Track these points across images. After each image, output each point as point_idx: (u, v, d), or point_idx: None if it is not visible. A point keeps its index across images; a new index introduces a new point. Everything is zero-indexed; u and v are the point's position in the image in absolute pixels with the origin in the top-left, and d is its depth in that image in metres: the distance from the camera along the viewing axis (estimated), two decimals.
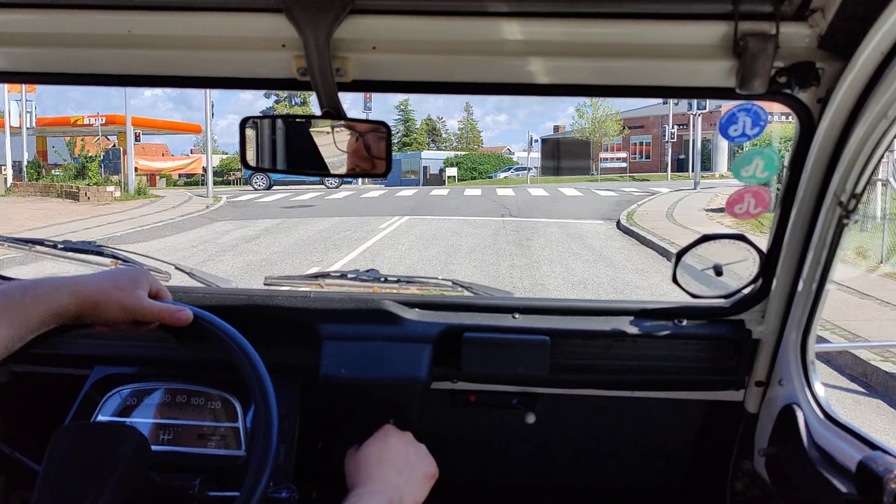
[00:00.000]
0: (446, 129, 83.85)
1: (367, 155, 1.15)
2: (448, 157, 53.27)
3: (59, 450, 1.01)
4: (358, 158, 1.16)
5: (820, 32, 0.99)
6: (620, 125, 46.61)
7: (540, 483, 1.82)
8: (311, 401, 1.46)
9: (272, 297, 1.52)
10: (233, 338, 1.07)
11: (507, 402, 1.61)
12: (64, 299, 0.96)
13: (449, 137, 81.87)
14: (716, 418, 1.62)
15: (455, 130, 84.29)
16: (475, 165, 52.11)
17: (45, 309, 0.94)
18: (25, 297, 0.93)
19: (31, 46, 1.12)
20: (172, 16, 1.06)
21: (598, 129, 46.08)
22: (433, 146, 75.29)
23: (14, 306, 0.91)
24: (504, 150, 71.37)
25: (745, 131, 1.30)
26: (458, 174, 48.58)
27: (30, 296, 0.93)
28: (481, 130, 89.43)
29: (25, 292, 0.93)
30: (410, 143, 70.60)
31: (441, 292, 1.73)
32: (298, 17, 0.99)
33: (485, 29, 1.04)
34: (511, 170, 50.61)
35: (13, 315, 0.90)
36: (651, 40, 1.04)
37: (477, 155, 56.85)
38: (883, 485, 0.97)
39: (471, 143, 78.66)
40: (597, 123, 46.33)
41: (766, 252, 1.37)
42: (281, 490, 1.12)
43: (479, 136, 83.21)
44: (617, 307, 1.54)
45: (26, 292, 0.93)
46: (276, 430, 1.01)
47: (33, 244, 1.74)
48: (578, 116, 48.99)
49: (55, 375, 1.47)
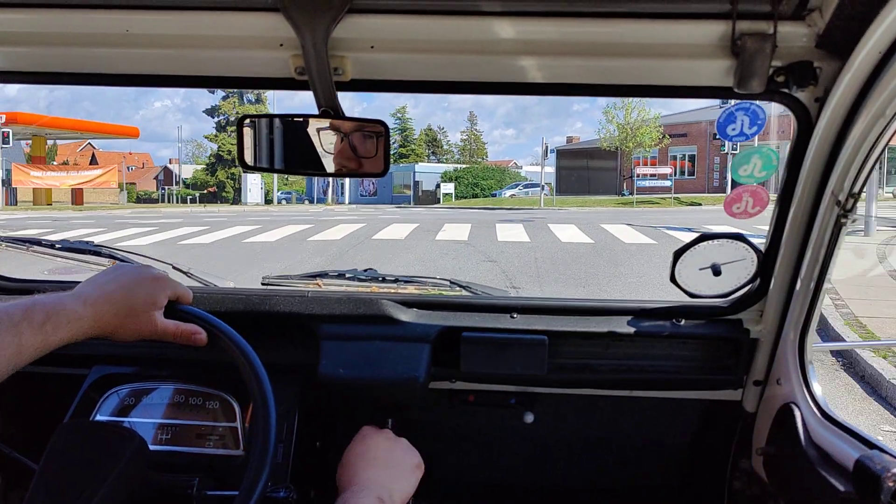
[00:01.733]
0: (448, 141, 75.78)
1: (366, 154, 1.15)
2: (446, 171, 48.20)
3: (58, 447, 1.01)
4: (356, 157, 1.16)
5: (818, 32, 0.99)
6: (660, 133, 36.22)
7: (538, 482, 1.82)
8: (309, 400, 1.46)
9: (270, 297, 1.52)
10: (230, 337, 1.07)
11: (506, 402, 1.61)
12: (84, 328, 0.95)
13: (450, 149, 74.36)
14: (714, 417, 1.62)
15: (457, 142, 76.84)
16: (477, 181, 46.41)
17: (63, 337, 0.92)
18: (47, 324, 0.90)
19: (28, 46, 1.11)
20: (170, 15, 1.06)
21: (630, 137, 35.95)
22: (433, 158, 68.69)
23: (35, 334, 0.88)
24: (510, 165, 65.53)
25: (743, 130, 1.30)
26: (455, 191, 42.96)
27: (51, 324, 0.90)
28: (486, 142, 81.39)
29: (48, 318, 0.90)
30: (408, 155, 63.43)
31: (439, 292, 1.73)
32: (296, 17, 0.99)
33: (483, 28, 1.04)
34: (519, 186, 44.13)
35: (32, 342, 0.88)
36: (649, 40, 1.04)
37: (479, 169, 51.07)
38: (880, 483, 0.98)
39: (474, 155, 71.78)
40: (629, 130, 36.03)
41: (764, 251, 1.37)
42: (279, 489, 1.12)
43: (484, 147, 75.96)
44: (615, 307, 1.54)
45: (48, 318, 0.90)
46: (275, 429, 1.01)
47: (31, 244, 1.74)
48: (607, 121, 38.22)
49: (54, 375, 1.47)
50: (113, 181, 32.13)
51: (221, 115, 52.54)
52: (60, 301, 0.94)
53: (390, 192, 47.21)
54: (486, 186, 45.83)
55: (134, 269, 1.09)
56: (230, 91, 49.94)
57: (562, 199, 35.19)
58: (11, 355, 0.85)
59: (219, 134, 52.51)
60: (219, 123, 53.09)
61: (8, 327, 0.85)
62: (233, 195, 47.61)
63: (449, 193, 42.48)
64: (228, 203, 44.82)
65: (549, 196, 34.98)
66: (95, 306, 0.97)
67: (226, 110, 52.07)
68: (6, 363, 0.84)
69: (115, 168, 33.03)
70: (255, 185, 42.74)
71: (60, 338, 0.91)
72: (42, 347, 0.89)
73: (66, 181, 30.81)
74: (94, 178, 31.71)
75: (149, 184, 63.61)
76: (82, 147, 66.39)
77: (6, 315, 0.86)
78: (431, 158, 68.53)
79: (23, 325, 0.87)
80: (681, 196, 30.15)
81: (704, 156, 36.89)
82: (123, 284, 1.02)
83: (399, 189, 47.86)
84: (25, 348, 0.87)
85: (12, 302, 0.90)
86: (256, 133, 1.18)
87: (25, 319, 0.88)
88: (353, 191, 51.03)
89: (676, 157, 38.41)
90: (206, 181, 52.10)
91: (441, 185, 43.70)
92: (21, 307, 0.89)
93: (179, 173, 22.72)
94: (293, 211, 30.01)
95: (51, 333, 0.90)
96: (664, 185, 30.93)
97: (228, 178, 50.99)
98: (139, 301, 1.02)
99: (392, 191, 47.62)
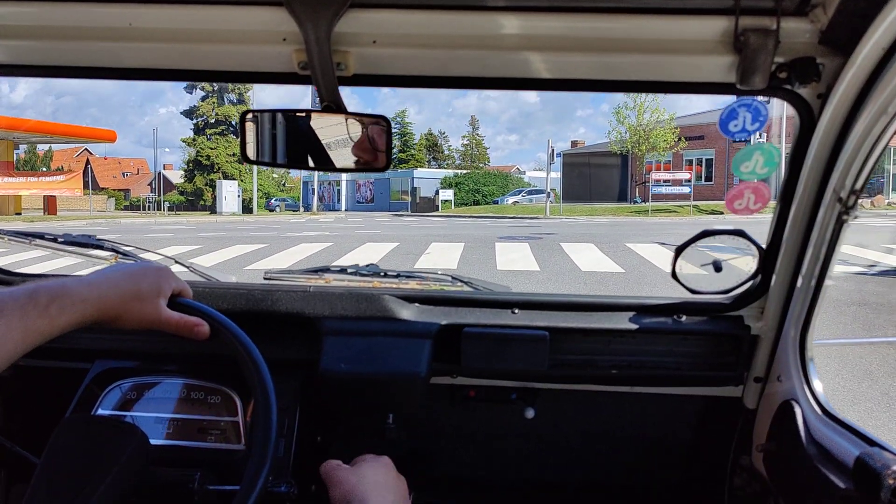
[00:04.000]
0: (449, 146, 74.17)
1: (368, 148, 1.16)
2: (445, 177, 46.14)
3: (60, 442, 1.01)
4: (358, 152, 1.16)
5: (821, 28, 1.00)
6: (676, 135, 33.72)
7: (539, 478, 1.82)
8: (310, 395, 1.46)
9: (272, 292, 1.52)
10: (232, 332, 1.07)
11: (507, 398, 1.61)
12: (89, 311, 0.94)
13: (451, 154, 72.54)
14: (714, 414, 1.62)
15: (459, 147, 74.59)
16: (478, 187, 44.66)
17: (69, 320, 0.92)
18: (52, 306, 0.89)
19: (31, 39, 1.12)
20: (173, 9, 1.06)
21: (643, 139, 33.78)
22: (434, 164, 67.11)
23: (40, 316, 0.88)
24: (513, 170, 63.16)
25: (745, 126, 1.31)
26: (455, 198, 41.12)
27: (56, 306, 0.90)
28: (487, 147, 79.43)
29: (52, 300, 0.90)
30: (407, 161, 61.87)
31: (441, 287, 1.73)
32: (299, 11, 0.99)
33: (485, 23, 1.04)
34: (522, 193, 41.99)
35: (38, 325, 0.87)
36: (651, 35, 1.04)
37: (481, 174, 48.86)
38: (881, 481, 0.98)
39: (476, 160, 69.96)
40: (642, 133, 33.84)
41: (765, 248, 1.37)
42: (280, 484, 1.12)
43: (486, 152, 73.88)
44: (616, 303, 1.54)
45: (53, 301, 0.90)
46: (276, 424, 1.01)
47: (34, 238, 1.74)
48: (618, 122, 35.47)
49: (56, 369, 1.47)
50: (77, 187, 30.67)
51: (200, 116, 48.57)
52: (64, 284, 0.94)
53: (388, 199, 46.04)
54: (487, 193, 44.40)
55: (138, 263, 1.10)
56: (209, 90, 47.59)
57: (569, 207, 32.64)
58: (18, 339, 0.85)
59: (197, 137, 48.20)
60: (196, 125, 48.90)
61: (13, 310, 0.85)
62: (212, 203, 43.63)
63: (448, 200, 41.03)
64: (206, 212, 41.40)
65: (555, 204, 32.81)
66: (100, 289, 0.97)
67: (204, 111, 48.32)
68: (13, 347, 0.84)
69: (78, 174, 31.46)
70: (230, 192, 40.29)
71: (66, 321, 0.91)
72: (48, 331, 0.89)
73: (24, 188, 28.70)
74: (56, 183, 29.74)
75: (143, 189, 62.31)
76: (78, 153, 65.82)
77: (11, 298, 0.86)
78: (432, 164, 66.81)
79: (28, 307, 0.87)
80: (700, 203, 28.19)
81: (723, 159, 33.93)
82: (128, 273, 1.03)
83: (397, 195, 46.58)
84: (31, 332, 0.86)
85: (16, 287, 0.90)
86: (259, 128, 1.18)
87: (31, 302, 0.88)
88: (350, 198, 49.74)
89: (692, 162, 35.66)
90: (184, 188, 48.74)
91: (440, 192, 42.18)
92: (26, 291, 0.89)
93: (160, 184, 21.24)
94: (269, 222, 27.29)
95: (56, 316, 0.90)
96: (681, 192, 28.83)
97: (207, 184, 46.73)
98: (144, 287, 1.02)
99: (390, 197, 46.41)
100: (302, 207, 47.04)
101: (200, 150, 47.74)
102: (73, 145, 49.53)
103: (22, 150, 40.72)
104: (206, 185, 47.15)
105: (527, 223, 24.64)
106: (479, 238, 16.47)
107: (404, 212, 40.60)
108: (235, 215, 37.27)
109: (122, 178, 73.08)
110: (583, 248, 13.56)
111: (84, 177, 34.71)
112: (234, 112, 46.59)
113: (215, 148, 46.95)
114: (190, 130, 50.04)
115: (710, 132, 34.22)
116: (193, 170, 48.59)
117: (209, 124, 48.26)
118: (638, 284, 9.21)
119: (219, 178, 44.00)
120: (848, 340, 5.60)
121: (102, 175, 69.97)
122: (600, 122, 62.14)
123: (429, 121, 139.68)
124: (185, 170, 50.66)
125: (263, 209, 44.57)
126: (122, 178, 73.03)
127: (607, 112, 44.43)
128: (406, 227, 22.74)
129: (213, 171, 46.86)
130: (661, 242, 14.18)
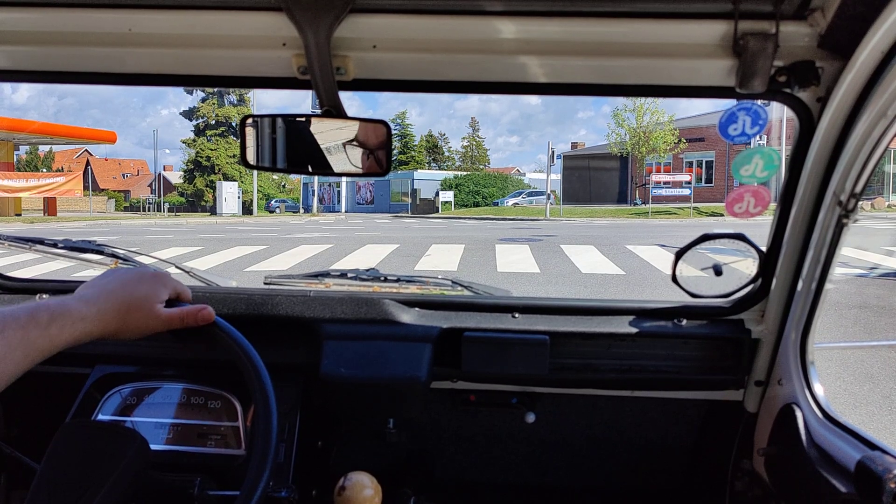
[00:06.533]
0: (449, 147, 74.53)
1: (368, 153, 1.16)
2: (446, 178, 45.98)
3: (60, 447, 1.01)
4: (358, 157, 1.16)
5: (820, 32, 1.00)
6: (676, 137, 33.60)
7: (539, 482, 1.82)
8: (311, 400, 1.46)
9: (272, 297, 1.52)
10: (232, 337, 1.07)
11: (507, 402, 1.61)
12: (88, 328, 0.95)
13: (451, 156, 72.28)
14: (715, 418, 1.62)
15: (459, 149, 75.60)
16: (478, 188, 44.43)
17: (69, 339, 0.92)
18: (52, 325, 0.90)
19: (31, 45, 1.12)
20: (173, 14, 1.06)
21: (643, 141, 33.62)
22: (434, 165, 66.61)
23: (41, 336, 0.88)
24: (513, 171, 63.07)
25: (744, 130, 1.30)
26: (455, 199, 40.77)
27: (56, 325, 0.90)
28: (488, 149, 79.20)
29: (53, 320, 0.90)
30: (408, 162, 61.00)
31: (441, 291, 1.73)
32: (299, 16, 0.99)
33: (485, 28, 1.04)
34: (522, 195, 41.90)
35: (38, 344, 0.88)
36: (651, 39, 1.04)
37: (481, 176, 48.71)
38: (882, 484, 0.97)
39: (476, 162, 70.18)
40: (641, 135, 33.65)
41: (765, 251, 1.37)
42: (281, 489, 1.12)
43: (486, 154, 73.98)
44: (617, 307, 1.53)
45: (53, 320, 0.90)
46: (276, 429, 1.01)
47: (33, 243, 1.74)
48: (617, 124, 35.34)
49: (56, 374, 1.47)
50: (77, 189, 30.58)
51: (200, 117, 47.91)
52: (64, 303, 0.94)
53: (388, 201, 45.84)
54: (487, 194, 44.18)
55: (134, 269, 1.09)
56: (209, 92, 47.01)
57: (569, 209, 32.66)
58: (20, 358, 0.85)
59: (197, 138, 47.58)
60: (197, 127, 48.13)
61: (15, 329, 0.86)
62: (213, 204, 42.86)
63: (448, 202, 40.62)
64: (206, 213, 40.94)
65: (555, 205, 32.57)
66: (98, 304, 0.97)
67: (205, 112, 47.70)
68: (14, 365, 0.84)
69: (78, 175, 31.31)
70: (231, 194, 39.78)
71: (66, 339, 0.92)
72: (48, 349, 0.89)
73: (24, 190, 27.99)
74: (56, 185, 29.25)
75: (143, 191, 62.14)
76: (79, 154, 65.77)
77: (12, 318, 0.87)
78: (432, 166, 66.38)
79: (29, 326, 0.88)
80: (700, 206, 28.11)
81: (724, 161, 33.82)
82: (124, 281, 1.03)
83: (397, 197, 46.35)
84: (32, 350, 0.87)
85: (17, 305, 0.90)
86: (259, 132, 1.18)
87: (32, 322, 0.88)
88: (350, 199, 49.48)
89: (692, 164, 35.49)
90: (184, 189, 48.28)
91: (440, 193, 41.73)
92: (26, 310, 0.89)
93: (160, 185, 21.03)
94: (269, 223, 27.16)
95: (56, 335, 0.90)
96: (681, 194, 28.89)
97: (207, 185, 45.94)
98: (141, 295, 1.02)
99: (390, 199, 46.22)
100: (302, 209, 46.81)
101: (200, 151, 47.45)
102: (74, 146, 49.36)
103: (23, 152, 40.71)
104: (206, 186, 46.89)
105: (527, 225, 24.57)
106: (479, 240, 16.47)
107: (404, 213, 40.51)
108: (235, 217, 36.99)
109: (122, 180, 73.09)
110: (583, 250, 13.56)
111: (84, 178, 34.64)
112: (235, 113, 46.30)
113: (215, 149, 46.70)
114: (190, 132, 49.64)
115: (710, 134, 34.15)
116: (193, 171, 48.33)
117: (209, 125, 48.05)
118: (638, 286, 9.30)
119: (219, 179, 43.59)
120: (849, 344, 5.59)
121: (102, 176, 70.05)
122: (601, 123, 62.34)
123: (430, 122, 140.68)
124: (185, 171, 49.98)
125: (263, 211, 44.34)
126: (123, 180, 73.01)
127: (608, 114, 45.16)
128: (406, 228, 22.66)
129: (213, 172, 46.67)
130: (662, 244, 14.16)
